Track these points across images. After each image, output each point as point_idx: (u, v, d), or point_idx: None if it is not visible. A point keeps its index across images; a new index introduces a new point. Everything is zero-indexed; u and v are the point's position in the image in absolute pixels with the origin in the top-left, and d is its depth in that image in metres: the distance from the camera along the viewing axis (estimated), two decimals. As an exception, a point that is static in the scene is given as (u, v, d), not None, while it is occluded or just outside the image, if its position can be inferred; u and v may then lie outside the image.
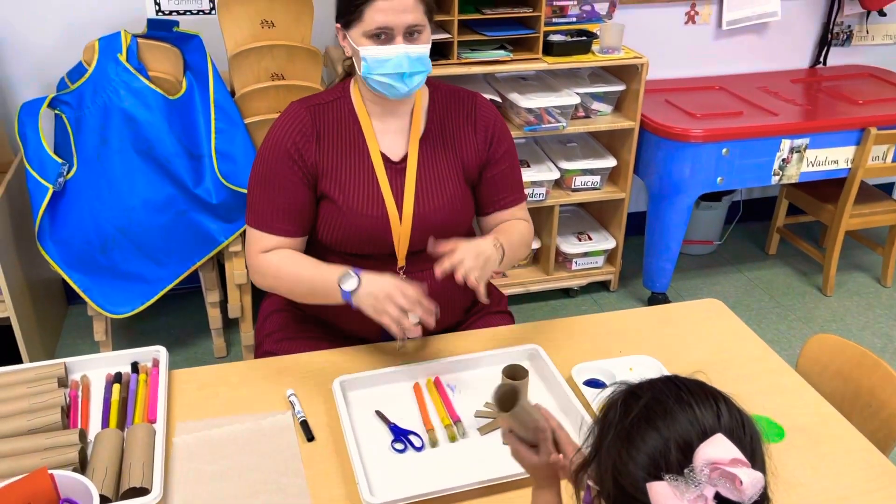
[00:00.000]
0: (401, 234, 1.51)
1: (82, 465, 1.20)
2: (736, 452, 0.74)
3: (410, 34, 1.41)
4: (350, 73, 1.55)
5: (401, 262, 1.54)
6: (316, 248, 1.56)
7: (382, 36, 1.40)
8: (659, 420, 0.77)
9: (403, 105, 1.52)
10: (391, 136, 1.53)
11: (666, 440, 0.76)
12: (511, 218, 1.63)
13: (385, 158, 1.52)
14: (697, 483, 0.73)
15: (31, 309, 2.49)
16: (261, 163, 1.50)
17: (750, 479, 0.72)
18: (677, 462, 0.75)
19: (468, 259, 1.36)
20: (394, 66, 1.40)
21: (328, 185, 1.50)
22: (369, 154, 1.51)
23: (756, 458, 0.78)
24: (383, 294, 1.35)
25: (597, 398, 1.37)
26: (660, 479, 0.74)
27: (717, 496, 0.73)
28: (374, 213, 1.49)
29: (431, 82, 1.58)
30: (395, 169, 1.52)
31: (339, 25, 1.46)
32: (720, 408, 0.78)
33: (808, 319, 2.98)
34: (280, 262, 1.50)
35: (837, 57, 3.40)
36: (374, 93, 1.47)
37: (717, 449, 0.74)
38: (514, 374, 1.33)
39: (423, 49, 1.43)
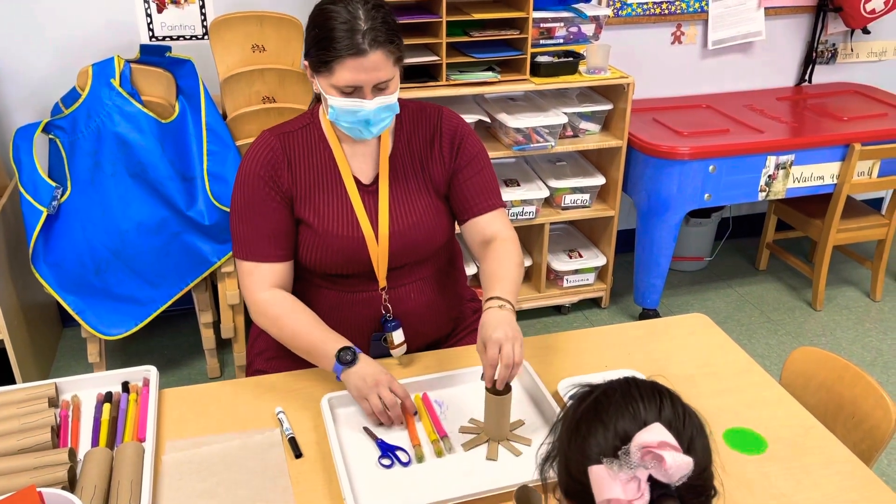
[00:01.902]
0: (379, 254, 1.52)
1: (71, 484, 1.22)
2: (667, 437, 0.78)
3: (379, 88, 1.40)
4: (320, 98, 1.57)
5: (381, 282, 1.55)
6: (298, 271, 1.58)
7: (351, 91, 1.39)
8: (604, 413, 0.82)
9: None
10: (360, 158, 1.54)
11: (608, 430, 0.80)
12: (489, 227, 1.56)
13: (356, 181, 1.53)
14: (631, 465, 0.77)
15: (25, 332, 2.50)
16: (238, 194, 1.51)
17: (675, 461, 0.76)
18: (614, 449, 0.79)
19: (505, 344, 1.29)
20: (361, 117, 1.41)
21: (303, 210, 1.51)
22: (341, 177, 1.52)
23: (693, 449, 0.81)
24: (373, 381, 1.37)
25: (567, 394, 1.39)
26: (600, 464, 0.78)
27: (651, 479, 0.76)
28: (350, 235, 1.51)
29: (399, 102, 1.54)
30: (367, 191, 1.53)
31: (306, 63, 1.45)
32: (664, 402, 0.83)
33: (798, 334, 3.00)
34: (281, 314, 1.49)
35: (822, 75, 3.45)
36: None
37: (650, 434, 0.78)
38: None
39: (391, 98, 1.42)
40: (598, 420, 0.81)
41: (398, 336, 1.55)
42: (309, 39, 1.42)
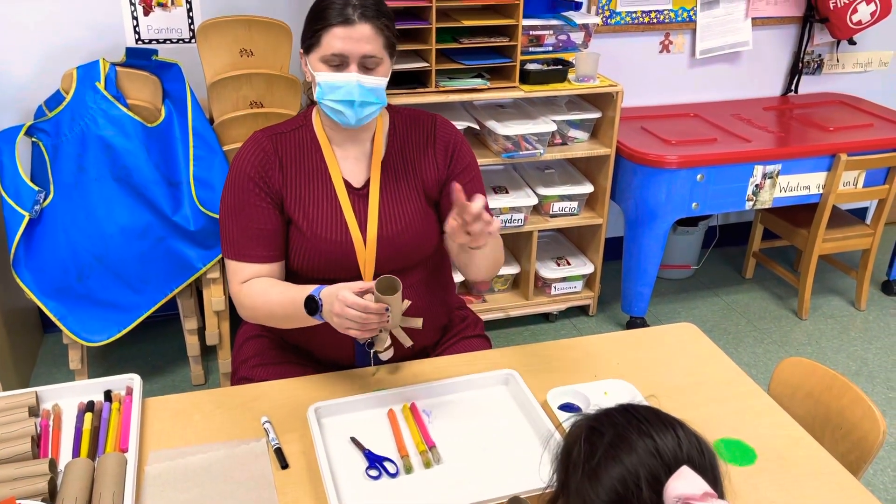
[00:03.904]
0: (366, 258, 1.52)
1: (52, 496, 1.19)
2: (704, 485, 0.75)
3: (366, 66, 1.43)
4: (313, 100, 1.58)
5: None
6: (287, 274, 1.57)
7: (337, 63, 1.43)
8: (624, 455, 0.79)
9: (363, 132, 1.55)
10: (352, 161, 1.55)
11: (635, 475, 0.77)
12: None
13: (347, 185, 1.53)
14: None
15: (5, 338, 2.46)
16: (228, 193, 1.51)
17: None
18: (649, 499, 0.76)
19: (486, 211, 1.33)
20: (344, 93, 1.43)
21: (293, 211, 1.51)
22: (332, 180, 1.53)
23: (717, 482, 0.80)
24: (336, 316, 1.32)
25: (566, 421, 1.38)
26: None
27: None
28: (338, 238, 1.51)
29: (392, 108, 1.61)
30: (358, 195, 1.54)
31: (302, 51, 1.50)
32: (679, 435, 0.80)
33: (783, 343, 3.01)
34: (253, 293, 1.49)
35: (809, 85, 3.48)
36: (331, 119, 1.49)
37: (686, 484, 0.75)
38: (392, 286, 1.33)
39: (377, 81, 1.45)
40: (620, 463, 0.78)
41: (387, 341, 1.53)
42: (304, 23, 1.46)
